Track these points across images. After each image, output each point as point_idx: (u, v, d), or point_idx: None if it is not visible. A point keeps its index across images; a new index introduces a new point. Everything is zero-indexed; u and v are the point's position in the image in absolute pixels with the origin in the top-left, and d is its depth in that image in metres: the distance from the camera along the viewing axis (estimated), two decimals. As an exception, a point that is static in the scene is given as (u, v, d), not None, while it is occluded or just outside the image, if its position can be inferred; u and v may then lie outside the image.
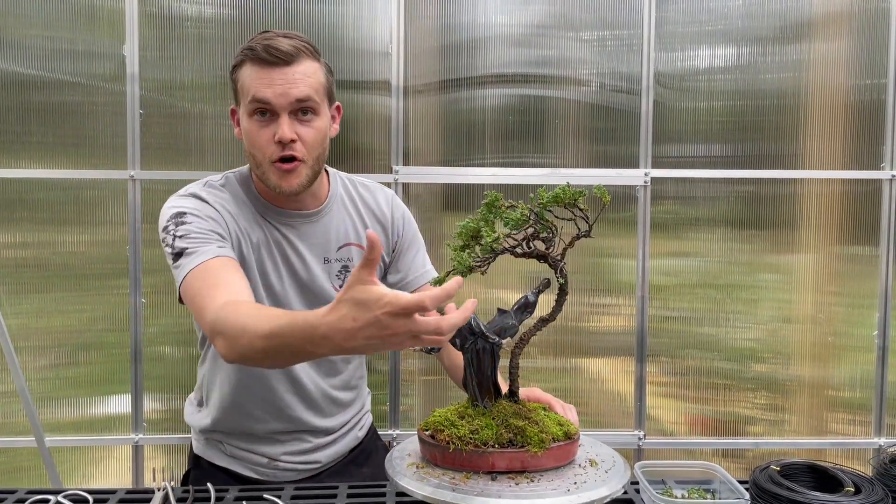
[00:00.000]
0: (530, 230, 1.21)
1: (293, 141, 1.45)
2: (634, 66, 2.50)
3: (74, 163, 2.42)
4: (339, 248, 1.63)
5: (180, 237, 1.42)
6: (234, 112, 1.56)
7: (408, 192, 2.49)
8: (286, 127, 1.44)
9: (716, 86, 2.52)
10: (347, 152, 2.47)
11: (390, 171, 2.47)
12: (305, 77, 1.45)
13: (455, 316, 0.99)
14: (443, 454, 1.15)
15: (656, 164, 2.51)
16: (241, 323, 1.19)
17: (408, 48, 2.46)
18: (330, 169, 1.69)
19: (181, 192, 1.54)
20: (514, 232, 1.19)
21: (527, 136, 2.51)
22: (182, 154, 2.43)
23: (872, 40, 2.51)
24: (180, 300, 1.44)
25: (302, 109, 1.46)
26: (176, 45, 2.41)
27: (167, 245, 1.45)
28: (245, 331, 1.18)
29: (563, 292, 1.21)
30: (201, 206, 1.49)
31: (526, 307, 1.24)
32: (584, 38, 2.51)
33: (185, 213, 1.46)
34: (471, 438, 1.14)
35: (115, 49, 2.40)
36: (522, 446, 1.14)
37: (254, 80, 1.43)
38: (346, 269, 1.63)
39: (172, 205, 1.49)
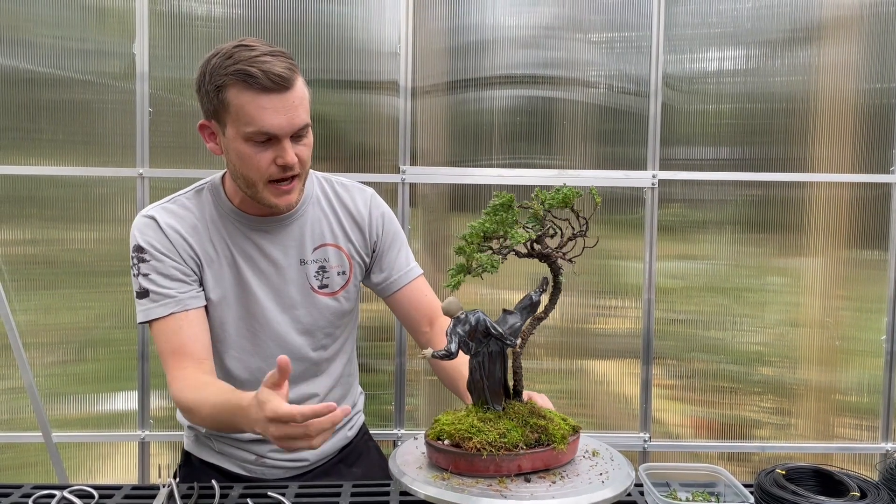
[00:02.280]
0: (539, 231, 1.21)
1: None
2: (643, 68, 2.50)
3: (84, 160, 2.43)
4: (315, 248, 1.62)
5: (143, 275, 1.51)
6: (205, 127, 1.51)
7: (415, 192, 2.49)
8: (291, 152, 1.44)
9: (724, 88, 2.51)
10: (355, 152, 2.47)
11: (398, 171, 2.48)
12: (303, 101, 1.45)
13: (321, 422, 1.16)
14: (471, 462, 1.13)
15: (664, 166, 2.51)
16: (189, 403, 1.43)
17: (416, 49, 2.46)
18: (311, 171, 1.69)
19: (146, 210, 1.55)
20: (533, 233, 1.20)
21: (534, 138, 2.51)
22: (190, 152, 2.44)
23: (882, 44, 2.50)
24: (140, 324, 1.55)
25: (299, 132, 1.46)
26: (185, 44, 2.42)
27: (132, 275, 1.53)
28: (192, 411, 1.43)
29: (557, 290, 1.22)
30: (158, 238, 1.51)
31: (531, 307, 1.24)
32: (593, 40, 2.50)
33: (144, 250, 1.51)
34: (502, 443, 1.13)
35: (125, 48, 2.41)
36: (548, 444, 1.15)
37: (255, 109, 1.40)
38: (323, 269, 1.62)
39: (136, 232, 1.53)
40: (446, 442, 1.17)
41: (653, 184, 2.50)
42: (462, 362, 1.55)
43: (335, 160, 2.47)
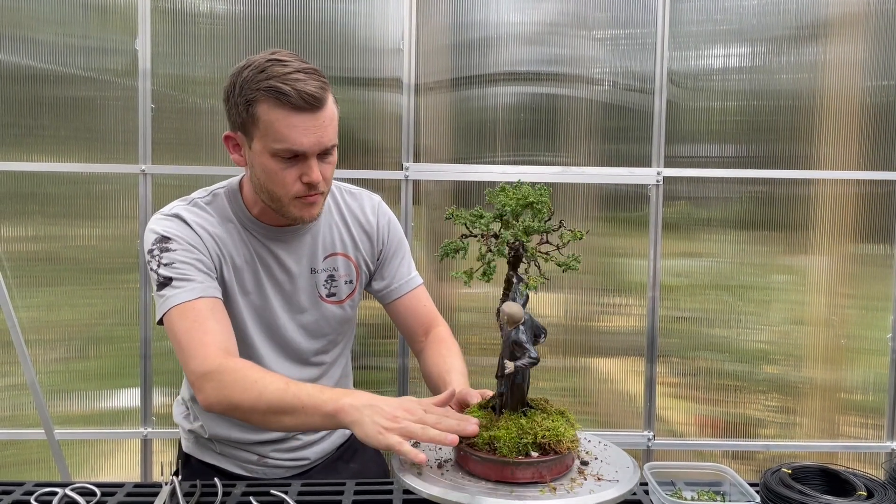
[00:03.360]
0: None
1: None
2: (648, 65, 2.48)
3: (86, 157, 2.43)
4: (326, 257, 1.63)
5: (166, 265, 1.45)
6: (230, 138, 1.51)
7: (418, 189, 2.49)
8: (317, 171, 1.43)
9: (729, 85, 2.50)
10: (358, 149, 2.47)
11: (401, 167, 2.47)
12: (332, 122, 1.44)
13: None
14: (513, 470, 1.12)
15: (669, 163, 2.50)
16: (250, 378, 1.32)
17: (419, 46, 2.45)
18: None
19: (166, 210, 1.53)
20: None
21: (538, 135, 2.50)
22: (193, 149, 2.44)
23: (888, 41, 2.48)
24: (159, 323, 1.48)
25: (326, 151, 1.45)
26: (188, 40, 2.41)
27: (152, 270, 1.47)
28: (253, 385, 1.31)
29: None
30: (184, 230, 1.49)
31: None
32: (597, 37, 2.49)
33: (169, 239, 1.47)
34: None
35: (128, 44, 2.41)
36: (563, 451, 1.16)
37: (285, 127, 1.38)
38: (332, 277, 1.63)
39: (157, 227, 1.49)
40: (489, 454, 1.13)
41: (657, 181, 2.49)
42: (444, 366, 1.59)
43: (339, 158, 2.46)
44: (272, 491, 1.38)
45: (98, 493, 1.38)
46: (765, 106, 2.50)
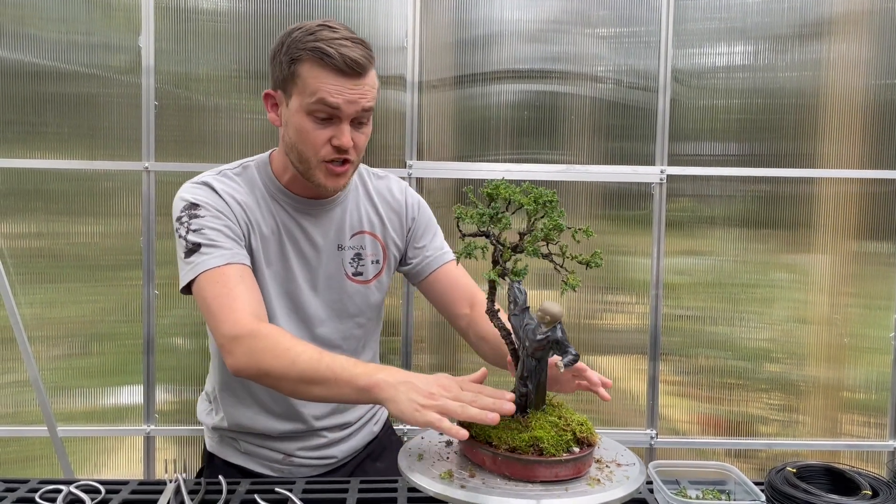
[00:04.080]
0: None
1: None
2: (651, 63, 2.48)
3: (89, 154, 2.43)
4: (353, 235, 1.63)
5: (194, 231, 1.44)
6: (269, 96, 1.53)
7: (421, 187, 2.48)
8: (348, 135, 1.45)
9: (733, 84, 2.50)
10: (361, 146, 2.46)
11: (404, 165, 2.47)
12: (372, 89, 1.46)
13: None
14: (562, 468, 1.12)
15: (672, 161, 2.50)
16: (288, 346, 1.30)
17: (423, 43, 2.45)
18: None
19: (195, 179, 1.54)
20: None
21: (542, 133, 2.50)
22: (196, 146, 2.43)
23: (892, 40, 2.48)
24: (183, 291, 1.46)
25: (360, 118, 1.46)
26: (191, 37, 2.41)
27: (180, 237, 1.46)
28: (286, 352, 1.29)
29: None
30: (213, 198, 1.49)
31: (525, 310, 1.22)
32: (601, 35, 2.49)
33: (198, 206, 1.47)
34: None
35: (131, 41, 2.41)
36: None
37: (324, 83, 1.41)
38: (358, 256, 1.63)
39: (186, 195, 1.50)
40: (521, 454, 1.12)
41: (661, 179, 2.49)
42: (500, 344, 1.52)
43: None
44: (277, 489, 1.39)
45: (102, 490, 1.38)
46: (769, 104, 2.50)
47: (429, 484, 1.10)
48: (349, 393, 1.24)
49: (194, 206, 1.47)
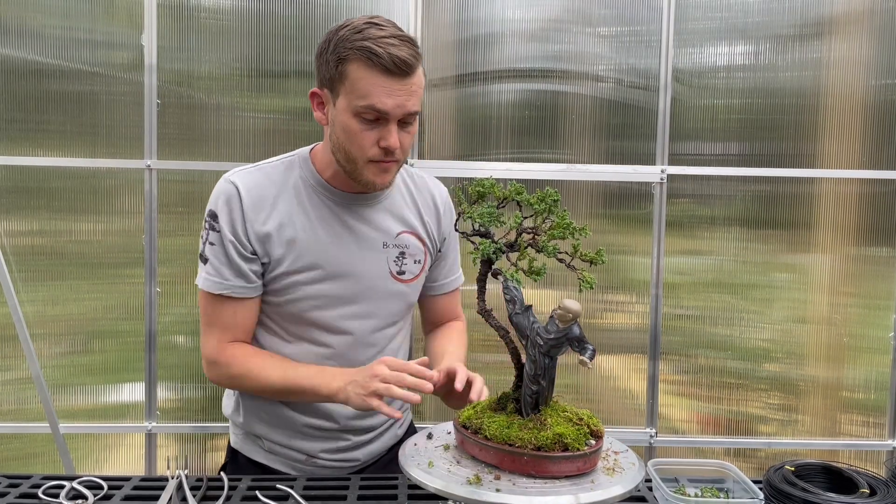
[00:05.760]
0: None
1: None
2: (652, 63, 2.49)
3: (91, 152, 2.43)
4: (399, 233, 1.62)
5: (209, 244, 1.52)
6: (315, 95, 1.52)
7: (422, 186, 2.49)
8: (396, 137, 1.44)
9: (734, 83, 2.50)
10: (363, 145, 2.47)
11: (406, 164, 2.47)
12: (419, 90, 1.45)
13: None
14: (585, 461, 1.14)
15: (673, 161, 2.50)
16: (244, 373, 1.53)
17: (425, 42, 2.45)
18: None
19: (230, 174, 1.54)
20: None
21: (543, 132, 2.50)
22: (198, 144, 2.44)
23: (892, 39, 2.48)
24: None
25: (408, 119, 1.46)
26: (194, 36, 2.41)
27: (201, 238, 1.54)
28: (247, 376, 1.53)
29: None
30: (233, 210, 1.50)
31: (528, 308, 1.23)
32: (602, 34, 2.49)
33: (217, 218, 1.51)
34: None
35: (134, 39, 2.41)
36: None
37: (372, 85, 1.40)
38: (402, 254, 1.62)
39: (214, 197, 1.52)
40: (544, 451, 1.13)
41: (661, 179, 2.50)
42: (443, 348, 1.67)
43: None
44: (278, 485, 1.39)
45: (105, 486, 1.38)
46: (769, 104, 2.51)
47: (465, 492, 1.08)
48: (315, 398, 1.50)
49: (214, 216, 1.51)
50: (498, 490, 1.08)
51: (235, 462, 1.72)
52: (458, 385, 1.39)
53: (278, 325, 1.59)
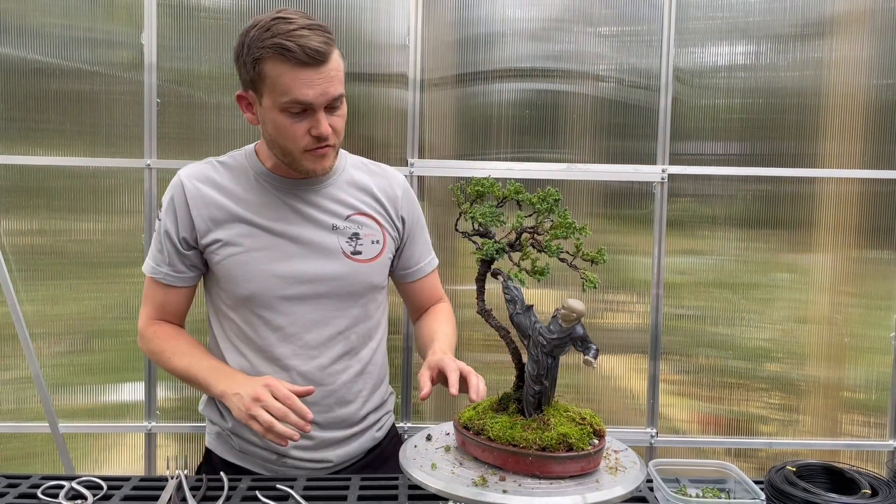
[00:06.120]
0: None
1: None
2: (653, 62, 2.48)
3: (91, 151, 2.43)
4: (349, 216, 1.65)
5: (154, 231, 1.66)
6: (243, 98, 1.57)
7: (422, 185, 2.49)
8: (325, 124, 1.48)
9: (735, 83, 2.50)
10: (364, 145, 2.46)
11: (406, 163, 2.47)
12: (338, 73, 1.48)
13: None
14: (590, 461, 1.14)
15: (674, 160, 2.50)
16: (162, 346, 1.65)
17: (425, 41, 2.45)
18: (342, 150, 1.74)
19: (187, 166, 1.65)
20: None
21: (543, 131, 2.50)
22: (198, 143, 2.43)
23: (893, 39, 2.48)
24: None
25: (334, 103, 1.49)
26: (194, 35, 2.41)
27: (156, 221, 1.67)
28: (160, 354, 1.65)
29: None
30: (177, 201, 1.60)
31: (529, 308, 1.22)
32: (603, 33, 2.49)
33: (161, 210, 1.64)
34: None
35: (134, 38, 2.41)
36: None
37: (290, 80, 1.44)
38: (356, 235, 1.64)
39: (171, 184, 1.63)
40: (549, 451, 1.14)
41: (662, 178, 2.49)
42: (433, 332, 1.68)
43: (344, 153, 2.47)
44: (278, 485, 1.39)
45: (104, 486, 1.38)
46: (770, 104, 2.50)
47: (472, 494, 1.08)
48: (210, 394, 1.55)
49: (161, 206, 1.64)
50: (504, 491, 1.08)
51: (210, 462, 1.73)
52: (453, 390, 1.37)
53: (231, 311, 1.64)
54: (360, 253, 1.64)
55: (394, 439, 1.85)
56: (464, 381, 1.41)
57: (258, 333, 1.62)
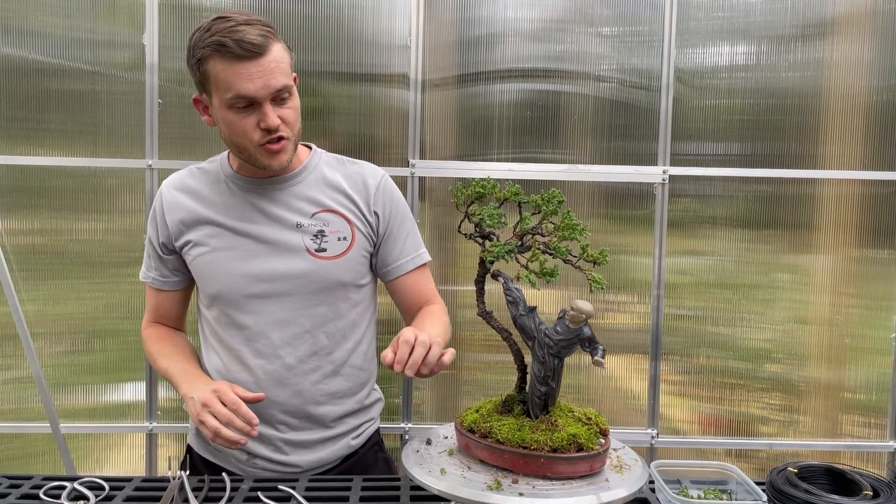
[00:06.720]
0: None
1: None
2: (654, 63, 2.48)
3: (93, 151, 2.43)
4: (314, 213, 1.64)
5: (146, 237, 1.74)
6: (198, 101, 1.60)
7: (423, 186, 2.49)
8: (272, 116, 1.50)
9: (736, 84, 2.50)
10: (364, 145, 2.47)
11: (406, 164, 2.47)
12: (279, 64, 1.49)
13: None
14: (597, 461, 1.15)
15: (675, 161, 2.50)
16: (150, 348, 1.75)
17: (426, 42, 2.45)
18: (315, 147, 1.75)
19: (169, 177, 1.72)
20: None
21: (544, 132, 2.50)
22: (200, 144, 2.44)
23: (894, 40, 2.48)
24: None
25: (280, 95, 1.50)
26: (195, 35, 2.41)
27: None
28: (151, 355, 1.74)
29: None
30: (158, 210, 1.69)
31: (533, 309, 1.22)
32: (604, 34, 2.49)
33: (148, 219, 1.72)
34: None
35: (135, 38, 2.41)
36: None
37: (230, 75, 1.46)
38: (321, 232, 1.63)
39: (158, 192, 1.71)
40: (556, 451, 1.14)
41: (663, 179, 2.49)
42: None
43: (344, 153, 2.44)
44: (280, 486, 1.39)
45: (106, 487, 1.38)
46: (771, 104, 2.50)
47: (487, 498, 1.08)
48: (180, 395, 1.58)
49: (148, 216, 1.73)
50: (521, 494, 1.08)
51: (190, 459, 1.75)
52: (387, 361, 1.30)
53: (207, 310, 1.70)
54: (324, 250, 1.62)
55: (374, 447, 1.80)
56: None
57: (227, 332, 1.64)
